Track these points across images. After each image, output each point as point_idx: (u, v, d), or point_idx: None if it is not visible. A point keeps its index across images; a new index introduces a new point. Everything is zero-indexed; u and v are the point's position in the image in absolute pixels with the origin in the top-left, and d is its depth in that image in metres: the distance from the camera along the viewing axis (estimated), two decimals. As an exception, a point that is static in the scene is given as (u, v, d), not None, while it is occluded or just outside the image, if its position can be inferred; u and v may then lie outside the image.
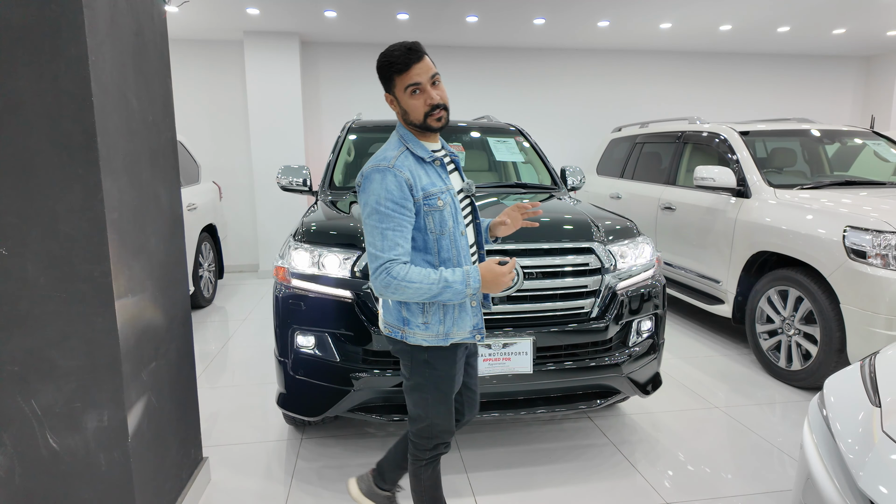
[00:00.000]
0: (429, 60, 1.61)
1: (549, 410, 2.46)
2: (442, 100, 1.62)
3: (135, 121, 1.89)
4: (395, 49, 1.59)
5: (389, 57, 1.60)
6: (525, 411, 2.43)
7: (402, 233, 1.58)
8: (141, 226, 1.93)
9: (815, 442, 1.65)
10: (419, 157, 1.65)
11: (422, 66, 1.59)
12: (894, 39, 7.09)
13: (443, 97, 1.63)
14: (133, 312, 1.84)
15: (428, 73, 1.59)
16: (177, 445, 2.22)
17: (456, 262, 1.68)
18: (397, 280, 1.55)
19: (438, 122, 1.63)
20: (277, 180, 3.65)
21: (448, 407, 1.79)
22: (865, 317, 3.06)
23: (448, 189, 1.68)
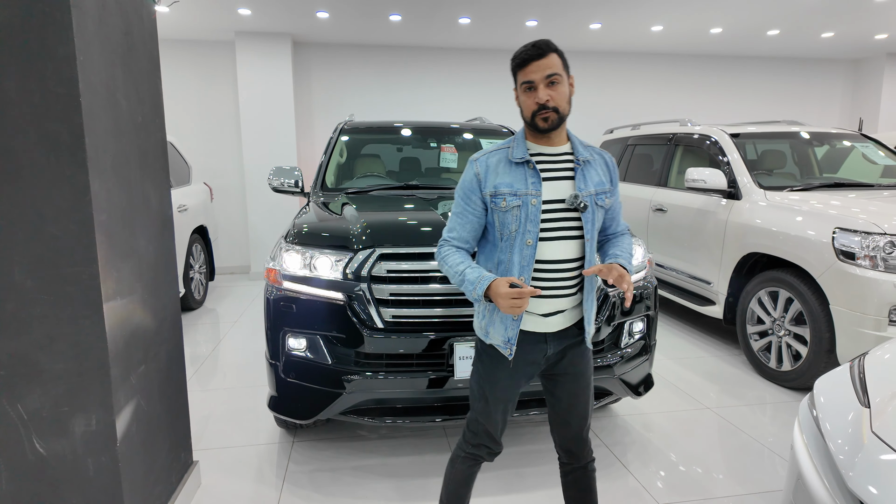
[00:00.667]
0: (552, 60, 1.57)
1: (541, 412, 2.45)
2: (552, 101, 1.57)
3: (124, 121, 1.87)
4: (525, 45, 1.60)
5: (516, 52, 1.62)
6: (517, 413, 2.43)
7: (460, 220, 1.69)
8: (130, 227, 1.91)
9: (806, 442, 1.66)
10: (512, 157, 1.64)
11: (539, 64, 1.56)
12: (882, 43, 7.18)
13: (554, 98, 1.57)
14: (122, 315, 1.82)
15: (544, 73, 1.56)
16: (167, 449, 2.20)
17: (508, 267, 1.63)
18: (440, 258, 1.71)
19: (545, 123, 1.59)
20: (269, 181, 3.63)
21: (486, 407, 1.73)
22: (854, 317, 3.09)
23: (526, 193, 1.59)
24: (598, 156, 1.72)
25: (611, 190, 1.71)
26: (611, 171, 1.73)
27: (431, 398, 2.40)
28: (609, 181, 1.71)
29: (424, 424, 2.51)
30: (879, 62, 7.93)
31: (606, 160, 1.73)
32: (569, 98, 1.62)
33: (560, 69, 1.58)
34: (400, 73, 7.25)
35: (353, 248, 2.38)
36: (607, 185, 1.69)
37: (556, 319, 1.66)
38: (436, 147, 3.93)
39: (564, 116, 1.61)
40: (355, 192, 3.35)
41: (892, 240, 3.00)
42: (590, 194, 1.63)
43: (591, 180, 1.66)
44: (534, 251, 1.60)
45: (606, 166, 1.73)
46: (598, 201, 1.66)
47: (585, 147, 1.70)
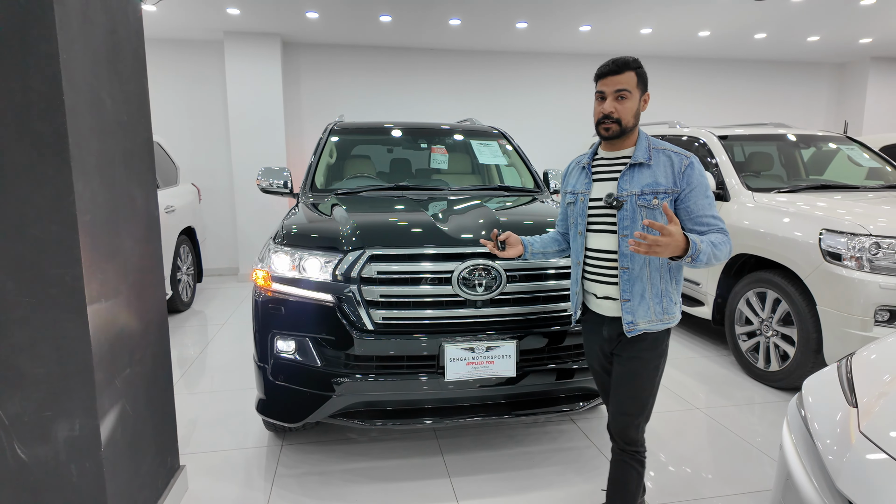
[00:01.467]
0: (626, 77, 1.75)
1: (532, 414, 2.45)
2: (616, 113, 1.76)
3: (108, 121, 1.84)
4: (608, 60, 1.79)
5: (600, 66, 1.81)
6: (509, 415, 2.42)
7: (560, 211, 2.11)
8: (115, 228, 1.87)
9: (794, 442, 1.67)
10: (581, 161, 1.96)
11: (612, 80, 1.76)
12: (866, 47, 7.28)
13: (618, 111, 1.76)
14: (106, 318, 1.79)
15: (615, 87, 1.75)
16: (153, 454, 2.17)
17: (573, 252, 1.98)
18: None
19: (606, 132, 1.79)
20: (258, 182, 3.59)
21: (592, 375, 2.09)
22: (841, 318, 3.12)
23: (580, 192, 1.91)
24: (665, 158, 1.80)
25: (669, 191, 1.76)
26: (675, 174, 1.77)
27: (423, 400, 2.38)
28: (672, 182, 1.77)
29: (415, 427, 2.49)
30: (864, 66, 8.04)
31: (674, 162, 1.78)
32: (636, 112, 1.79)
33: (632, 86, 1.76)
34: (390, 75, 7.23)
35: (343, 249, 2.36)
36: (663, 187, 1.76)
37: (607, 304, 1.88)
38: (426, 148, 3.92)
39: (627, 128, 1.79)
40: (345, 193, 3.33)
41: (878, 241, 3.04)
42: (631, 194, 1.78)
43: (640, 181, 1.78)
44: (583, 241, 1.91)
45: (671, 168, 1.78)
46: (641, 201, 1.76)
47: (656, 150, 1.81)
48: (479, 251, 2.37)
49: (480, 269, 2.33)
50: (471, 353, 2.31)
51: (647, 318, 1.80)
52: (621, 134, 1.79)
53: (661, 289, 1.81)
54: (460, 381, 2.31)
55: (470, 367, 2.31)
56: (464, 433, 2.98)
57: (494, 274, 2.34)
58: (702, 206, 1.77)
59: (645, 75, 1.81)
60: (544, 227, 2.67)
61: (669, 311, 1.83)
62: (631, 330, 1.81)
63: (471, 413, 2.41)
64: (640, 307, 1.80)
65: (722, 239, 1.74)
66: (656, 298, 1.80)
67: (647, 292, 1.80)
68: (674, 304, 1.85)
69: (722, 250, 1.72)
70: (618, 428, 1.91)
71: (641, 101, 1.80)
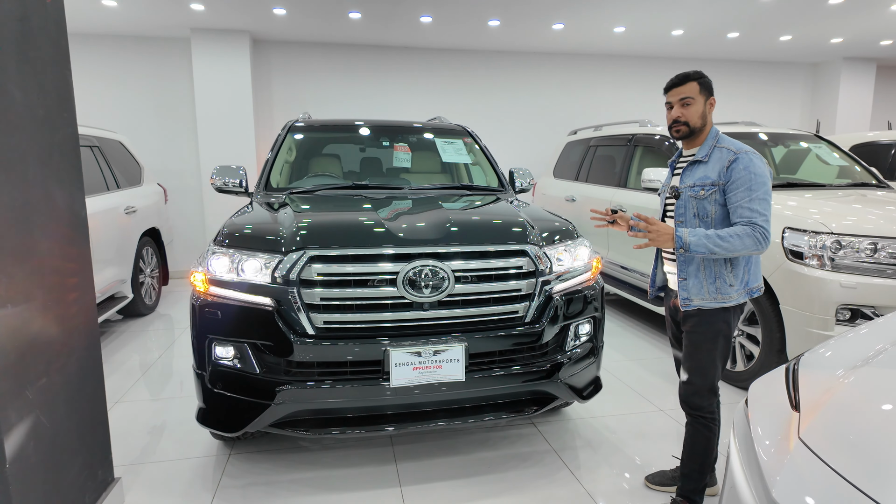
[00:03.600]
0: (688, 87, 2.07)
1: (483, 419, 2.37)
2: (683, 117, 2.08)
3: (17, 114, 1.73)
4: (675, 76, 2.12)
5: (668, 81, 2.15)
6: (456, 420, 2.34)
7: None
8: (27, 228, 1.76)
9: (738, 447, 1.60)
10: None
11: (678, 90, 2.09)
12: (837, 46, 7.32)
13: (686, 116, 2.08)
14: (13, 325, 1.67)
15: (679, 96, 2.08)
16: (78, 467, 2.05)
17: None
18: None
19: (677, 133, 2.12)
20: (212, 181, 3.48)
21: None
22: (803, 317, 3.08)
23: (664, 185, 2.27)
24: (719, 154, 2.05)
25: (717, 184, 2.02)
26: (721, 168, 2.02)
27: (368, 408, 2.29)
28: (718, 176, 2.02)
29: (360, 436, 2.40)
30: (836, 66, 8.09)
31: (724, 158, 2.03)
32: (702, 115, 2.08)
33: (695, 94, 2.07)
34: (362, 73, 7.13)
35: (282, 250, 2.26)
36: (711, 180, 2.03)
37: (671, 279, 2.21)
38: (388, 146, 3.83)
39: (695, 128, 2.09)
40: (300, 192, 3.23)
41: (839, 239, 3.01)
42: (686, 186, 2.09)
43: (694, 175, 2.09)
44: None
45: (721, 164, 2.03)
46: (692, 192, 2.07)
47: (717, 148, 2.07)
48: (425, 251, 2.29)
49: (427, 270, 2.24)
50: (417, 357, 2.22)
51: (700, 295, 2.05)
52: (691, 134, 2.10)
53: (714, 270, 2.05)
54: (406, 386, 2.22)
55: (417, 371, 2.22)
56: (421, 439, 2.89)
57: (442, 275, 2.26)
58: (739, 197, 1.98)
59: (708, 83, 2.10)
60: (494, 226, 2.59)
61: (724, 292, 2.05)
62: (685, 305, 2.09)
63: (419, 419, 2.32)
64: (693, 285, 2.06)
65: (739, 231, 1.94)
66: (710, 279, 2.05)
67: (700, 272, 2.06)
68: (728, 286, 2.05)
69: (732, 242, 1.93)
70: (683, 395, 2.16)
71: (707, 104, 2.09)
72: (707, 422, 2.14)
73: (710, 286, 2.05)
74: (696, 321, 2.09)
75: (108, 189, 4.78)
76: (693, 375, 2.12)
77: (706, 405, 2.13)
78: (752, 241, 1.94)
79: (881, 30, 6.49)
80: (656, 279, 2.34)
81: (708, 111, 2.10)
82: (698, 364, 2.11)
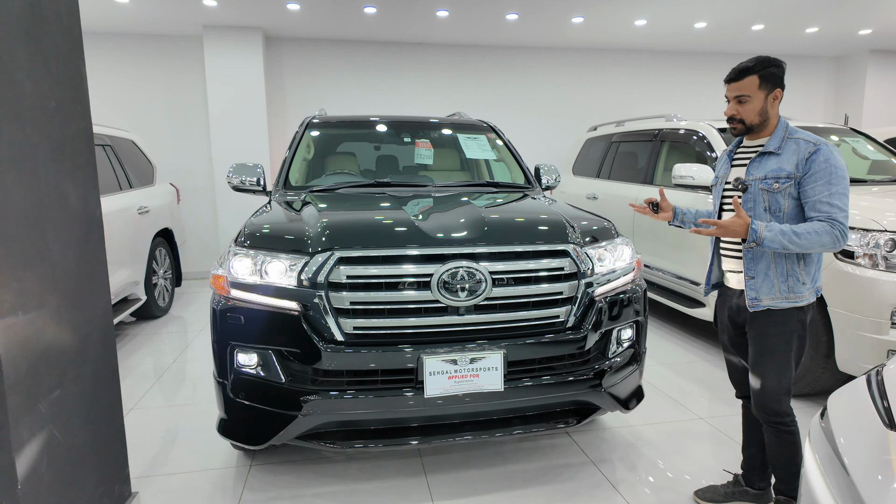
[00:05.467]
0: (745, 83, 1.93)
1: (523, 431, 2.22)
2: (738, 114, 1.97)
3: (28, 106, 1.60)
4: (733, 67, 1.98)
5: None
6: (497, 433, 2.19)
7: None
8: (38, 230, 1.63)
9: (820, 465, 1.45)
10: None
11: (734, 86, 1.96)
12: (865, 39, 7.09)
13: (740, 112, 1.96)
14: (24, 334, 1.54)
15: (735, 93, 1.96)
16: (95, 482, 1.92)
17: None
18: None
19: (733, 130, 2.02)
20: (228, 179, 3.35)
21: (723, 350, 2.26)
22: (854, 320, 2.90)
23: (720, 177, 2.13)
24: (794, 145, 1.92)
25: (792, 176, 1.89)
26: (799, 161, 1.88)
27: (400, 419, 2.15)
28: (794, 168, 1.88)
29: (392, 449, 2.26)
30: (862, 59, 7.85)
31: (800, 149, 1.89)
32: (760, 111, 1.94)
33: (753, 90, 1.92)
34: (376, 70, 6.99)
35: (309, 251, 2.12)
36: (786, 172, 1.90)
37: (734, 278, 2.08)
38: (410, 142, 3.69)
39: (752, 125, 1.97)
40: (321, 190, 3.09)
41: (893, 237, 2.83)
42: (755, 179, 1.96)
43: (766, 167, 1.95)
44: (718, 218, 2.06)
45: (797, 155, 1.89)
46: (763, 185, 1.93)
47: (789, 139, 1.94)
48: (461, 252, 2.14)
49: (463, 272, 2.10)
50: (453, 365, 2.07)
51: (770, 294, 1.92)
52: (748, 131, 1.99)
53: (786, 268, 1.92)
54: (442, 396, 2.08)
55: (452, 381, 2.07)
56: (449, 450, 2.74)
57: (479, 277, 2.11)
58: (818, 191, 1.84)
59: (772, 74, 1.92)
60: (534, 224, 2.44)
61: (796, 290, 1.92)
62: (754, 305, 1.94)
63: (455, 431, 2.18)
64: (763, 284, 1.93)
65: (818, 228, 1.81)
66: (781, 277, 1.92)
67: (771, 270, 1.92)
68: (801, 284, 1.92)
69: (809, 239, 1.80)
70: (757, 403, 2.03)
71: (769, 98, 1.93)
72: (787, 426, 2.02)
73: (782, 284, 1.92)
74: (767, 322, 1.96)
75: (120, 189, 4.68)
76: (767, 381, 1.99)
77: (785, 409, 2.01)
78: (830, 239, 1.81)
79: (913, 20, 6.26)
80: (711, 276, 2.19)
81: (771, 105, 1.95)
82: (773, 369, 1.97)
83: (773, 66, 1.93)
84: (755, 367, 2.02)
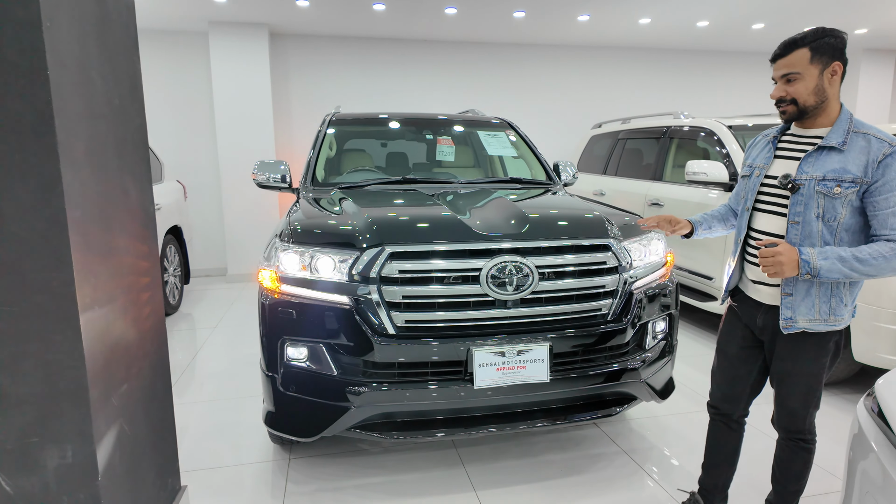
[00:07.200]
0: (792, 58, 1.63)
1: (567, 421, 2.28)
2: (787, 95, 1.65)
3: (98, 103, 1.61)
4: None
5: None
6: (540, 423, 2.24)
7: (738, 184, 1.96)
8: (108, 225, 1.64)
9: (878, 450, 1.52)
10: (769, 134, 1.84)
11: (781, 62, 1.66)
12: (860, 38, 7.26)
13: (791, 93, 1.65)
14: (101, 327, 1.56)
15: (781, 71, 1.66)
16: (153, 476, 1.94)
17: (737, 227, 1.88)
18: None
19: (783, 115, 1.69)
20: (253, 177, 3.36)
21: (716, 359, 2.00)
22: (871, 311, 3.00)
23: (757, 166, 1.80)
24: (863, 143, 1.60)
25: (858, 181, 1.58)
26: (870, 161, 1.58)
27: (449, 410, 2.19)
28: (863, 172, 1.58)
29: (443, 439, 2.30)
30: (856, 58, 8.03)
31: (872, 148, 1.59)
32: (815, 89, 1.62)
33: (804, 65, 1.61)
34: (383, 66, 7.00)
35: (360, 246, 2.16)
36: (851, 175, 1.59)
37: (766, 291, 1.77)
38: (432, 139, 3.72)
39: (807, 107, 1.64)
40: (349, 186, 3.12)
41: (910, 231, 2.92)
42: (811, 178, 1.63)
43: (825, 165, 1.63)
44: (748, 217, 1.80)
45: (867, 154, 1.59)
46: (820, 187, 1.62)
47: (855, 133, 1.63)
48: (508, 247, 2.19)
49: (511, 266, 2.14)
50: (501, 357, 2.12)
51: (809, 316, 1.66)
52: (802, 115, 1.67)
53: (830, 286, 1.65)
54: (490, 388, 2.13)
55: (500, 372, 2.12)
56: (483, 441, 2.79)
57: (525, 271, 2.16)
58: (892, 203, 1.56)
59: (826, 45, 1.60)
60: (574, 220, 2.49)
61: (837, 313, 1.67)
62: (788, 326, 1.68)
63: (502, 421, 2.23)
64: (803, 303, 1.66)
65: (885, 252, 1.55)
66: (824, 297, 1.65)
67: (814, 288, 1.65)
68: (843, 306, 1.67)
69: (878, 266, 1.55)
70: (783, 423, 1.85)
71: (826, 74, 1.61)
72: (809, 444, 1.85)
73: (823, 305, 1.65)
74: (799, 347, 1.71)
75: (133, 186, 4.65)
76: (797, 403, 1.78)
77: (810, 426, 1.84)
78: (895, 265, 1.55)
79: (908, 20, 6.42)
80: (731, 282, 1.89)
81: (829, 83, 1.61)
82: (803, 391, 1.76)
83: (829, 35, 1.60)
84: (783, 389, 1.80)
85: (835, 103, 1.66)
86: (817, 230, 1.63)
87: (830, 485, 2.44)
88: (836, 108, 1.67)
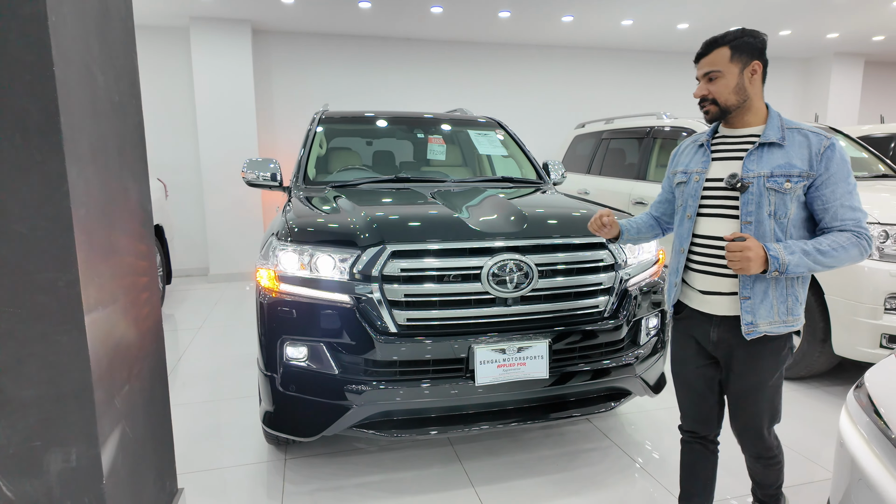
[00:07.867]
0: (714, 56, 1.63)
1: (565, 416, 2.32)
2: (710, 94, 1.65)
3: (100, 100, 1.58)
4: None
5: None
6: (541, 418, 2.28)
7: (661, 191, 1.97)
8: (109, 224, 1.62)
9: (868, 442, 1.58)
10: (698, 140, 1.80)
11: (703, 62, 1.66)
12: (832, 42, 7.49)
13: (712, 92, 1.65)
14: (105, 328, 1.53)
15: (704, 69, 1.66)
16: (153, 479, 1.91)
17: (677, 237, 1.80)
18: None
19: (706, 115, 1.69)
20: (243, 175, 3.32)
21: (675, 381, 1.91)
22: (850, 306, 3.11)
23: (693, 171, 1.74)
24: (801, 138, 1.61)
25: (804, 175, 1.57)
26: (812, 156, 1.58)
27: (450, 408, 2.21)
28: (808, 166, 1.58)
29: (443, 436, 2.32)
30: (827, 61, 8.28)
31: (812, 143, 1.59)
32: (736, 88, 1.63)
33: (723, 64, 1.62)
34: (367, 64, 6.97)
35: (360, 245, 2.16)
36: (798, 169, 1.58)
37: (717, 301, 1.69)
38: (423, 138, 3.73)
39: (728, 107, 1.65)
40: (341, 185, 3.11)
41: (887, 229, 3.04)
42: (759, 175, 1.60)
43: (771, 161, 1.60)
44: (692, 225, 1.73)
45: (808, 149, 1.59)
46: (770, 183, 1.58)
47: (790, 129, 1.63)
48: (508, 245, 2.21)
49: (512, 264, 2.17)
50: (502, 354, 2.15)
51: (769, 318, 1.61)
52: (724, 114, 1.66)
53: (785, 286, 1.62)
54: (492, 385, 2.15)
55: (501, 369, 2.15)
56: (478, 438, 2.82)
57: (525, 269, 2.19)
58: (838, 195, 1.56)
59: (746, 45, 1.60)
60: (571, 218, 2.53)
61: (794, 313, 1.64)
62: (750, 332, 1.62)
63: (501, 418, 2.25)
64: (762, 306, 1.61)
65: (843, 241, 1.54)
66: (780, 297, 1.61)
67: (770, 289, 1.61)
68: (799, 305, 1.65)
69: (837, 257, 1.54)
70: (747, 442, 1.79)
71: (746, 73, 1.61)
72: (775, 460, 1.82)
73: (781, 306, 1.61)
74: (759, 353, 1.66)
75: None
76: (759, 419, 1.72)
77: (773, 442, 1.80)
78: (857, 252, 1.55)
79: (876, 26, 6.65)
80: (674, 295, 1.79)
81: (749, 82, 1.61)
82: (765, 406, 1.70)
83: (749, 35, 1.61)
84: (745, 406, 1.72)
85: (759, 102, 1.67)
86: (770, 228, 1.60)
87: (812, 473, 2.52)
88: (762, 107, 1.67)
